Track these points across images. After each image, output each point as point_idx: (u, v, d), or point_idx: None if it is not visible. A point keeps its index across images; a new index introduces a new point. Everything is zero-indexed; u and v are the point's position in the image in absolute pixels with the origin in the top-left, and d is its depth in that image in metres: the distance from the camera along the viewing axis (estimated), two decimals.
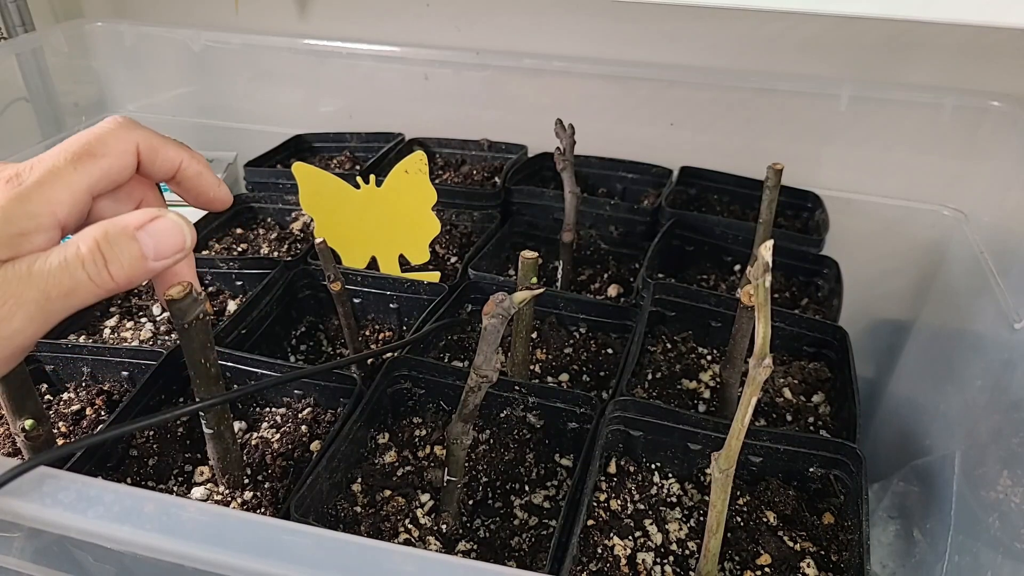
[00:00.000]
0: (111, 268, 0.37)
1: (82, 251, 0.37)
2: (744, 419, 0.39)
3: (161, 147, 0.42)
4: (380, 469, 0.53)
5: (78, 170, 0.38)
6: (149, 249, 0.38)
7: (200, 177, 0.44)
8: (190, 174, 0.44)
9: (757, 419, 0.59)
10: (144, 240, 0.38)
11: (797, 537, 0.49)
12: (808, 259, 0.75)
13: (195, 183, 0.44)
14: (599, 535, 0.47)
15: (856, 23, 0.81)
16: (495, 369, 0.43)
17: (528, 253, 0.51)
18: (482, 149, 0.94)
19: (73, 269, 0.36)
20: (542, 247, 0.76)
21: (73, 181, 0.38)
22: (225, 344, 0.61)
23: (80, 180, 0.39)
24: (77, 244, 0.37)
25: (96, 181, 0.39)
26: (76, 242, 0.37)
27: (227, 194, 0.46)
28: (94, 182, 0.39)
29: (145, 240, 0.38)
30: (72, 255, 0.37)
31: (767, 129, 0.87)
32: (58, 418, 0.57)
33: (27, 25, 0.99)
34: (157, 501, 0.37)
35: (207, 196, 0.45)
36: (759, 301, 0.37)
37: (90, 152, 0.39)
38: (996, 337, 0.65)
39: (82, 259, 0.37)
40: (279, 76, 1.02)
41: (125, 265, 0.38)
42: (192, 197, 0.45)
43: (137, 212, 0.39)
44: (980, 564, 0.54)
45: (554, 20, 0.93)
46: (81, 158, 0.39)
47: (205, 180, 0.45)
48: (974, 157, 0.80)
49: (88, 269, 0.37)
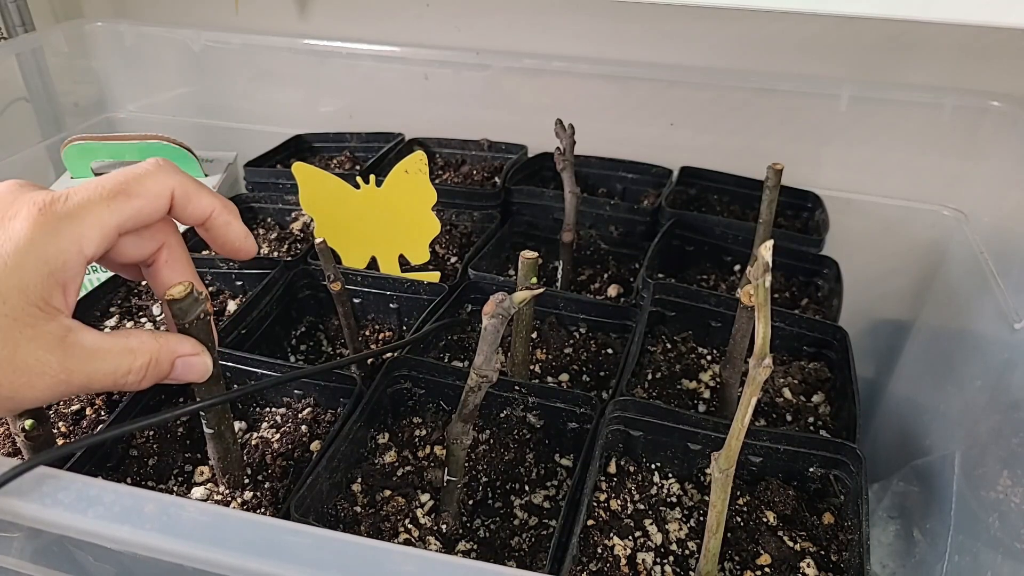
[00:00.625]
0: (144, 382, 0.40)
1: (135, 366, 0.39)
2: (744, 419, 0.39)
3: (195, 195, 0.43)
4: (380, 469, 0.53)
5: (111, 208, 0.39)
6: (175, 374, 0.41)
7: (228, 227, 0.45)
8: (219, 223, 0.44)
9: (757, 419, 0.59)
10: (178, 367, 0.41)
11: (797, 537, 0.49)
12: (808, 259, 0.75)
13: (223, 232, 0.45)
14: (599, 535, 0.47)
15: (856, 23, 0.81)
16: (495, 369, 0.43)
17: (528, 253, 0.51)
18: (482, 149, 0.94)
19: (123, 376, 0.39)
20: (542, 247, 0.76)
21: (105, 218, 0.39)
22: (225, 344, 0.61)
23: (112, 219, 0.39)
24: (135, 355, 0.39)
25: (126, 220, 0.40)
26: (135, 351, 0.39)
27: (253, 246, 0.47)
28: (124, 220, 0.40)
29: (178, 368, 0.41)
30: (125, 366, 0.39)
31: (767, 129, 0.87)
32: (58, 418, 0.57)
33: (27, 25, 0.99)
34: (157, 501, 0.37)
35: (233, 246, 0.46)
36: (759, 301, 0.37)
37: (126, 192, 0.40)
38: (996, 337, 0.65)
39: (132, 370, 0.39)
40: (279, 76, 1.02)
41: (153, 379, 0.41)
42: (218, 245, 0.46)
43: (188, 343, 0.41)
44: (980, 564, 0.54)
45: (554, 20, 0.93)
46: (117, 196, 0.39)
47: (233, 231, 0.45)
48: (974, 157, 0.80)
49: (130, 379, 0.39)
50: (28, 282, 0.36)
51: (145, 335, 0.40)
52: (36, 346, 0.36)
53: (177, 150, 0.83)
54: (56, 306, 0.37)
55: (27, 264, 0.36)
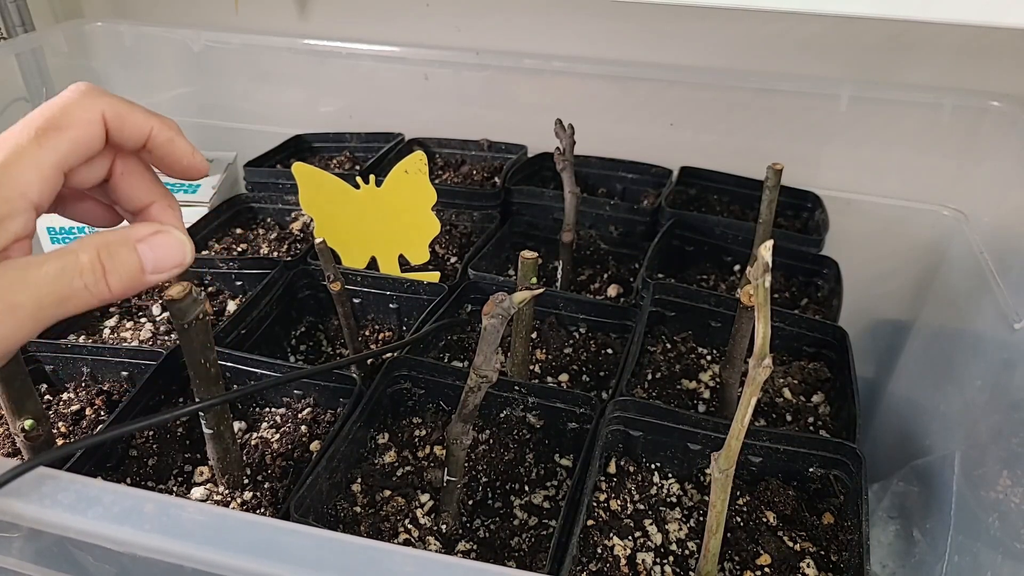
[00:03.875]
0: (109, 279, 0.37)
1: (82, 260, 0.36)
2: (744, 419, 0.39)
3: (128, 114, 0.40)
4: (380, 469, 0.53)
5: (43, 146, 0.36)
6: (148, 262, 0.38)
7: (172, 143, 0.41)
8: (161, 140, 0.41)
9: (757, 419, 0.59)
10: (144, 253, 0.38)
11: (797, 537, 0.49)
12: (808, 259, 0.75)
13: (167, 150, 0.41)
14: (599, 535, 0.47)
15: (856, 23, 0.81)
16: (495, 369, 0.43)
17: (528, 253, 0.51)
18: (482, 149, 0.94)
19: (71, 278, 0.36)
20: (542, 247, 0.76)
21: (40, 159, 0.36)
22: (225, 344, 0.61)
23: (47, 157, 0.36)
24: (76, 253, 0.36)
25: (64, 156, 0.37)
26: (75, 250, 0.36)
27: (202, 161, 0.43)
28: (62, 157, 0.37)
29: (145, 253, 0.38)
30: (71, 264, 0.36)
31: (767, 129, 0.87)
32: (58, 418, 0.57)
33: (27, 25, 0.99)
34: (156, 502, 0.37)
35: (181, 164, 0.42)
36: (759, 301, 0.37)
37: (55, 125, 0.37)
38: (996, 337, 0.65)
39: (81, 268, 0.36)
40: (279, 76, 1.02)
41: (123, 276, 0.37)
42: (166, 166, 0.42)
43: (140, 225, 0.39)
44: (980, 564, 0.54)
45: (554, 20, 0.92)
46: (46, 132, 0.37)
47: (178, 147, 0.42)
48: (974, 157, 0.80)
49: (86, 278, 0.36)
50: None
51: (87, 235, 0.38)
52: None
53: None
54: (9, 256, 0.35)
55: None
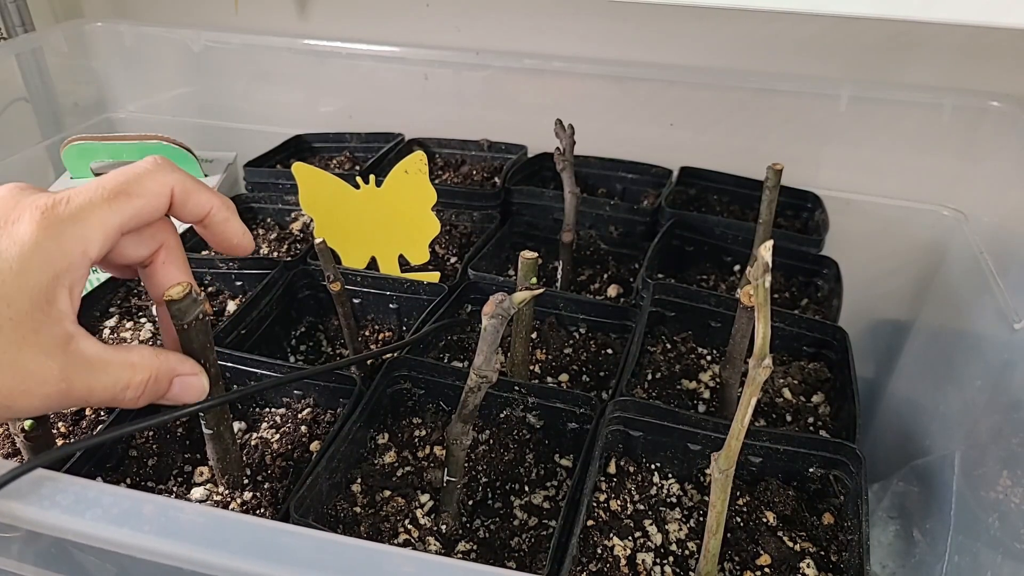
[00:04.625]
0: (142, 399, 0.41)
1: (136, 380, 0.40)
2: (744, 419, 0.39)
3: (195, 192, 0.43)
4: (380, 469, 0.53)
5: (113, 208, 0.39)
6: (172, 394, 0.42)
7: (227, 224, 0.45)
8: (218, 220, 0.45)
9: (757, 419, 0.59)
10: (175, 386, 0.42)
11: (797, 537, 0.49)
12: (808, 259, 0.75)
13: (221, 228, 0.45)
14: (599, 535, 0.47)
15: (856, 23, 0.81)
16: (495, 369, 0.43)
17: (528, 253, 0.51)
18: (482, 149, 0.94)
19: (123, 390, 0.39)
20: (542, 247, 0.76)
21: (107, 219, 0.39)
22: (225, 344, 0.60)
23: (114, 219, 0.39)
24: (135, 369, 0.40)
25: (128, 220, 0.40)
26: (135, 364, 0.40)
27: (251, 242, 0.47)
28: (126, 220, 0.40)
29: (175, 387, 0.42)
30: (128, 379, 0.39)
31: (767, 129, 0.87)
32: (57, 418, 0.57)
33: (27, 25, 0.99)
34: (156, 503, 0.38)
35: (231, 243, 0.46)
36: (759, 301, 0.37)
37: (127, 192, 0.40)
38: (996, 337, 0.65)
39: (134, 386, 0.40)
40: (279, 76, 1.02)
41: (150, 398, 0.41)
42: (217, 242, 0.46)
43: (188, 363, 0.42)
44: (980, 564, 0.54)
45: (554, 20, 0.92)
46: (118, 196, 0.39)
47: (232, 228, 0.45)
48: (974, 157, 0.80)
49: (130, 394, 0.40)
50: (33, 285, 0.36)
51: (147, 351, 0.41)
52: (39, 351, 0.36)
53: (177, 150, 0.83)
54: (61, 309, 0.37)
55: (32, 267, 0.36)
